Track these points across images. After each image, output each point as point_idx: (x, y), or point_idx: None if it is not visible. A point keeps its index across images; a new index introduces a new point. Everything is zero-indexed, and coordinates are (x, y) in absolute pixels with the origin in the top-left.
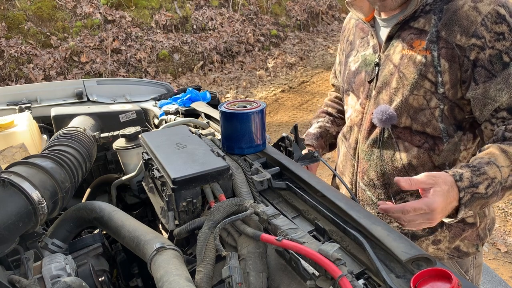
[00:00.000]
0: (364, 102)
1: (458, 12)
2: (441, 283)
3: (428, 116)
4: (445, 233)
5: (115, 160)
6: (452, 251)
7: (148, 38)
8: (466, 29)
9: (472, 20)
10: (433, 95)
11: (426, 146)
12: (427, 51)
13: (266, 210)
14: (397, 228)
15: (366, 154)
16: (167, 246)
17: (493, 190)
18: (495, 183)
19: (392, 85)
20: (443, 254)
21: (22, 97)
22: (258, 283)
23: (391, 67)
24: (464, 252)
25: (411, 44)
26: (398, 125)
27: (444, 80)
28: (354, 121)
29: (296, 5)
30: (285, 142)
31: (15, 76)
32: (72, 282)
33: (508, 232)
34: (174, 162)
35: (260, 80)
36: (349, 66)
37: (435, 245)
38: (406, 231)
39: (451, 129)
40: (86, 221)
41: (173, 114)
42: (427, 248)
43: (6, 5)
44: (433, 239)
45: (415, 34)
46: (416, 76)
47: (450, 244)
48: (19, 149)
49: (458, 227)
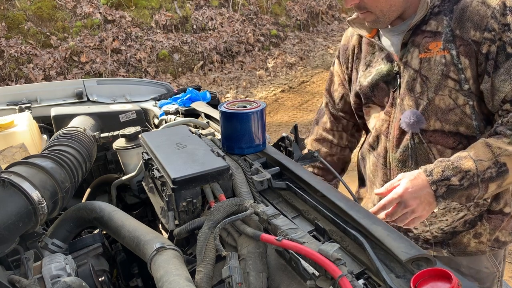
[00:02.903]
0: (389, 111)
1: (468, 9)
2: (441, 283)
3: (460, 114)
4: (485, 226)
5: (115, 160)
6: (493, 242)
7: (148, 38)
8: (478, 24)
9: (482, 15)
10: (458, 93)
11: (461, 147)
12: (444, 51)
13: (266, 210)
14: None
15: (400, 163)
16: (167, 246)
17: (470, 182)
18: (470, 176)
19: (416, 89)
20: (485, 247)
21: (22, 97)
22: (258, 283)
23: (411, 72)
24: (502, 242)
25: (427, 47)
26: (428, 129)
27: (467, 77)
28: (380, 130)
29: (296, 5)
30: (285, 142)
31: (15, 76)
32: (72, 282)
33: None
34: (174, 162)
35: (260, 80)
36: (360, 82)
37: (477, 239)
38: (446, 229)
39: (482, 125)
40: (86, 221)
41: (173, 114)
42: (469, 242)
43: (6, 5)
44: (474, 233)
45: (429, 37)
46: (438, 77)
47: (491, 236)
48: (19, 149)
49: (498, 218)
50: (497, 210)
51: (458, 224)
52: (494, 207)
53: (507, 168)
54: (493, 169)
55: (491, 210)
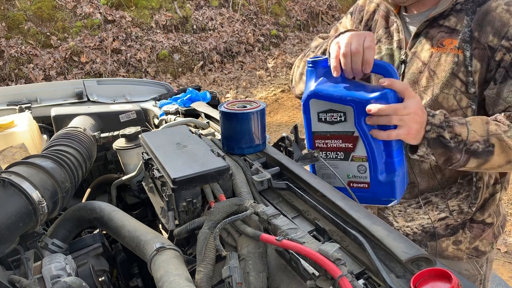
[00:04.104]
0: None
1: (491, 14)
2: (441, 283)
3: (461, 116)
4: (466, 234)
5: (115, 160)
6: (471, 251)
7: (148, 38)
8: (498, 31)
9: (504, 22)
10: (463, 95)
11: None
12: (459, 50)
13: (266, 210)
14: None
15: None
16: (167, 246)
17: (455, 144)
18: (458, 140)
19: (421, 83)
20: (463, 254)
21: (22, 97)
22: (258, 283)
23: (419, 64)
24: (482, 251)
25: (442, 42)
26: None
27: (474, 80)
28: None
29: (296, 5)
30: (285, 142)
31: (15, 76)
32: (72, 282)
33: (508, 232)
34: (174, 162)
35: (260, 80)
36: None
37: (456, 246)
38: (427, 227)
39: None
40: (86, 221)
41: (173, 114)
42: (447, 248)
43: (6, 5)
44: (454, 240)
45: (446, 32)
46: (447, 74)
47: (470, 245)
48: (19, 149)
49: (479, 228)
50: (480, 220)
51: (439, 226)
52: (477, 217)
53: (493, 150)
54: (481, 144)
55: (474, 219)
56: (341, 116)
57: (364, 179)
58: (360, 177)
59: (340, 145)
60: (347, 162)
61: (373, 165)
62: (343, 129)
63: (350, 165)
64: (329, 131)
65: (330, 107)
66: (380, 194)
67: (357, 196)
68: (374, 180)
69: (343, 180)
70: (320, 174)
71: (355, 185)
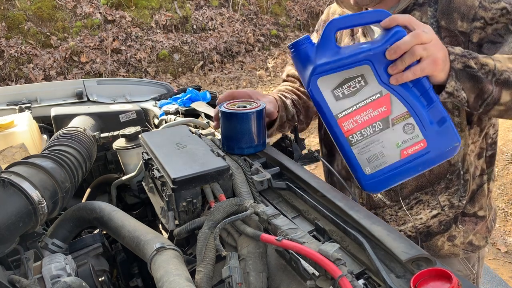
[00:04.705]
0: None
1: (455, 0)
2: (441, 283)
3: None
4: (459, 229)
5: (115, 160)
6: (467, 246)
7: (148, 38)
8: (466, 15)
9: (470, 5)
10: None
11: None
12: None
13: (266, 210)
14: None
15: None
16: (167, 246)
17: (484, 74)
18: (486, 70)
19: None
20: (459, 250)
21: (22, 97)
22: (258, 283)
23: None
24: (476, 245)
25: None
26: None
27: None
28: None
29: (296, 5)
30: (285, 142)
31: (15, 76)
32: (72, 282)
33: (508, 232)
34: (174, 162)
35: (260, 80)
36: None
37: (451, 242)
38: (420, 227)
39: (465, 123)
40: (86, 221)
41: (173, 114)
42: (443, 245)
43: (6, 5)
44: (448, 236)
45: None
46: None
47: (465, 239)
48: (19, 149)
49: (471, 221)
50: (471, 213)
51: (432, 223)
52: (468, 210)
53: None
54: (511, 74)
55: (466, 212)
56: (360, 81)
57: (417, 138)
58: (411, 139)
59: (373, 115)
60: (390, 130)
61: (419, 116)
62: (369, 95)
63: (394, 131)
64: (354, 105)
65: (344, 77)
66: (443, 145)
67: (419, 163)
68: (429, 132)
69: (395, 153)
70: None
71: (410, 151)
